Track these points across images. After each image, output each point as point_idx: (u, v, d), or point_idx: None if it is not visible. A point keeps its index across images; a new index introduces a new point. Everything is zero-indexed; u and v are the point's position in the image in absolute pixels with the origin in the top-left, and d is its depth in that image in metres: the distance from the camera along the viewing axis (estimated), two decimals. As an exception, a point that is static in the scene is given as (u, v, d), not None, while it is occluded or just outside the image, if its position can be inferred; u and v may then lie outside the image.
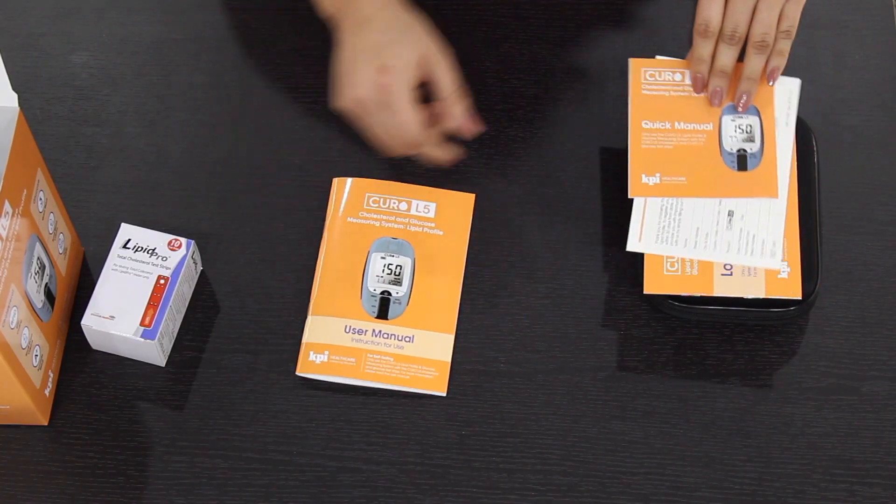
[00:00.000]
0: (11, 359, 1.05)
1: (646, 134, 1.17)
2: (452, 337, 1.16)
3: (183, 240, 1.17)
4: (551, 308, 1.18)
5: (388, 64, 1.11)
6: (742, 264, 1.14)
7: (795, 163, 1.20)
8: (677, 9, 1.33)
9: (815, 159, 1.21)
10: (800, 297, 1.14)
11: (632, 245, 1.15)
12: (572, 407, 1.14)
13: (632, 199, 1.17)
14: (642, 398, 1.14)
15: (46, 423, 1.14)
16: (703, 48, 1.17)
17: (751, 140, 1.17)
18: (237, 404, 1.14)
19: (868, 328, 1.16)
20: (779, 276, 1.14)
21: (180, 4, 1.35)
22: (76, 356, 1.17)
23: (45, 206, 1.13)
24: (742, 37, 1.16)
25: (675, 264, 1.15)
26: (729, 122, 1.18)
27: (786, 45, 1.17)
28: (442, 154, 1.18)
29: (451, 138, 1.18)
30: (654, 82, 1.19)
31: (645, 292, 1.15)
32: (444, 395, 1.14)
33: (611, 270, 1.20)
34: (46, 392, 1.13)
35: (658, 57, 1.21)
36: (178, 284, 1.15)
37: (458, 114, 1.15)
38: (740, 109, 1.18)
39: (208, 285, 1.20)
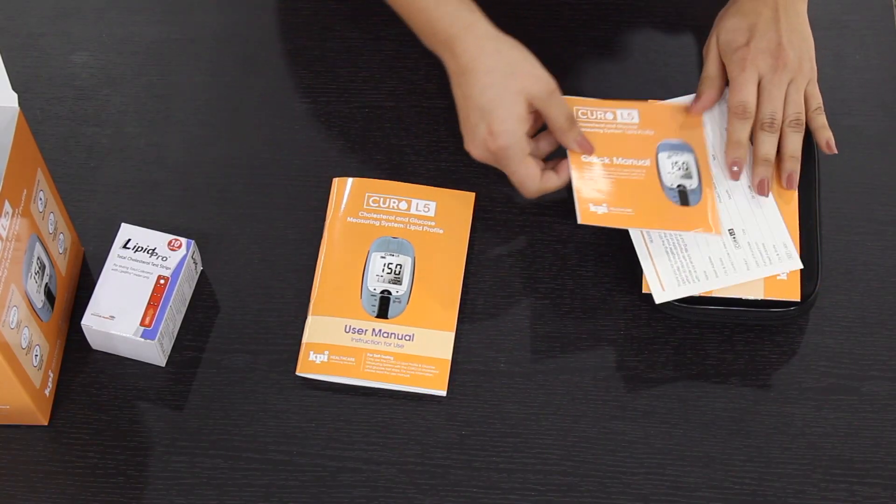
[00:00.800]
0: (11, 359, 1.05)
1: (587, 168, 1.17)
2: (452, 334, 1.16)
3: (183, 240, 1.17)
4: (551, 308, 1.18)
5: (496, 129, 1.13)
6: (766, 276, 1.14)
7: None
8: (677, 8, 1.33)
9: (816, 159, 1.21)
10: (798, 299, 1.14)
11: (658, 297, 1.14)
12: (572, 407, 1.14)
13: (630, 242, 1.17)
14: (642, 398, 1.14)
15: (46, 423, 1.14)
16: (742, 132, 1.18)
17: (688, 177, 1.17)
18: (237, 404, 1.14)
19: (868, 328, 1.16)
20: (778, 278, 1.14)
21: (180, 4, 1.35)
22: (76, 356, 1.17)
23: (45, 206, 1.13)
24: (780, 122, 1.18)
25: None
26: (665, 159, 1.18)
27: (824, 120, 1.19)
28: (564, 179, 1.18)
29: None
30: (586, 120, 1.19)
31: (644, 291, 1.15)
32: (445, 393, 1.14)
33: (611, 270, 1.20)
34: (46, 392, 1.13)
35: (586, 98, 1.21)
36: (178, 284, 1.15)
37: (572, 144, 1.17)
38: (791, 187, 1.17)
39: (208, 285, 1.20)
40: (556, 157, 1.19)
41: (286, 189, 1.24)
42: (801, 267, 1.14)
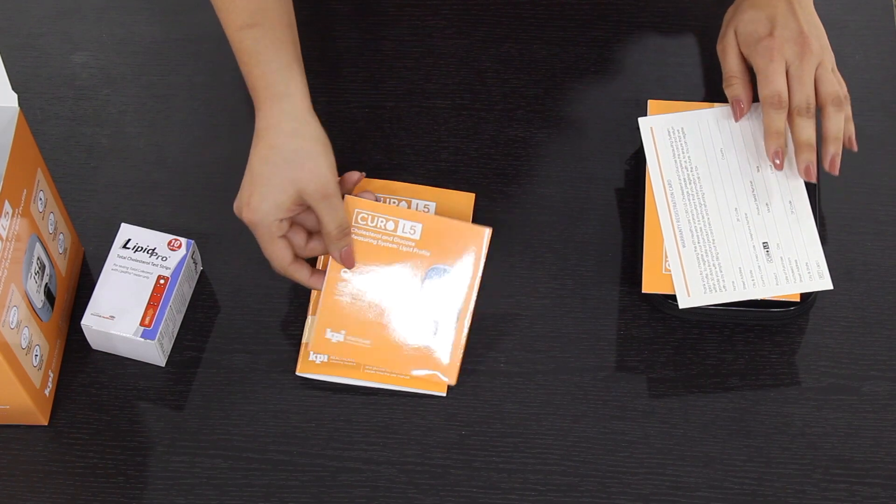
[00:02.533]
0: (11, 359, 1.05)
1: (340, 284, 1.14)
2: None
3: (183, 240, 1.17)
4: (551, 308, 1.18)
5: (252, 203, 1.10)
6: (794, 292, 1.13)
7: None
8: (677, 8, 1.33)
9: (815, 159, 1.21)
10: (798, 299, 1.14)
11: (683, 301, 1.13)
12: (572, 407, 1.14)
13: (640, 209, 1.16)
14: (642, 398, 1.14)
15: (46, 423, 1.14)
16: (779, 121, 1.16)
17: (443, 312, 1.14)
18: (237, 404, 1.14)
19: (868, 328, 1.16)
20: None
21: (180, 4, 1.35)
22: (76, 356, 1.17)
23: (45, 206, 1.13)
24: (815, 106, 1.16)
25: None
26: (427, 287, 1.14)
27: (849, 109, 1.18)
28: (312, 284, 1.14)
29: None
30: (364, 227, 1.14)
31: (643, 291, 1.15)
32: (444, 395, 1.14)
33: (611, 270, 1.20)
34: (46, 392, 1.13)
35: (375, 203, 1.15)
36: (178, 284, 1.15)
37: (334, 254, 1.13)
38: (834, 171, 1.15)
39: (208, 285, 1.20)
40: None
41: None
42: (831, 287, 1.13)
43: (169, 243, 1.17)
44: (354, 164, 1.25)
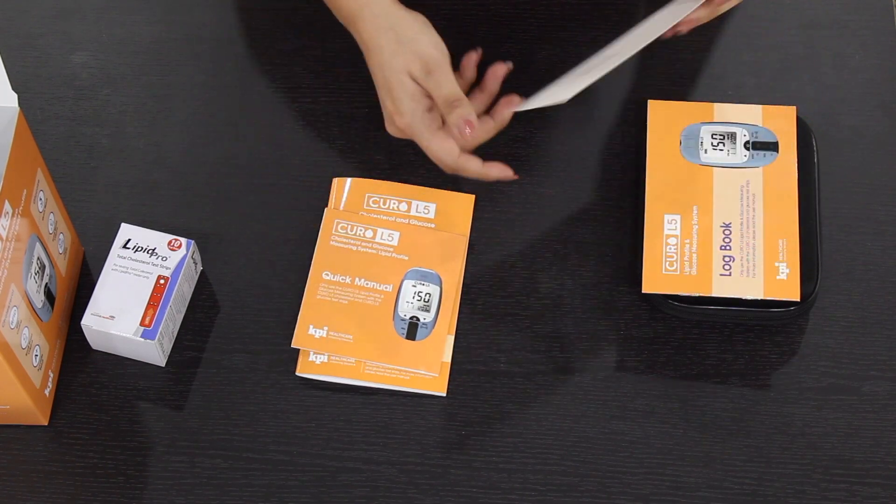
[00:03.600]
0: (11, 359, 1.05)
1: (323, 285, 1.17)
2: (452, 337, 1.16)
3: (183, 240, 1.17)
4: (551, 308, 1.18)
5: (397, 108, 1.14)
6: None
7: (795, 163, 1.20)
8: (677, 9, 1.33)
9: (815, 159, 1.21)
10: (798, 299, 1.14)
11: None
12: (572, 407, 1.14)
13: (640, 209, 1.16)
14: (642, 398, 1.14)
15: (46, 423, 1.14)
16: None
17: (426, 309, 1.16)
18: (237, 404, 1.14)
19: (868, 328, 1.16)
20: (777, 278, 1.14)
21: (180, 4, 1.35)
22: (76, 356, 1.17)
23: (45, 206, 1.13)
24: None
25: (674, 264, 1.15)
26: (409, 287, 1.17)
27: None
28: (492, 171, 1.16)
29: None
30: (343, 235, 1.18)
31: (643, 291, 1.15)
32: (444, 395, 1.14)
33: (611, 270, 1.20)
34: (46, 392, 1.13)
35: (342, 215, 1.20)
36: (178, 284, 1.15)
37: (452, 128, 1.13)
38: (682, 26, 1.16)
39: (208, 285, 1.20)
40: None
41: (286, 189, 1.24)
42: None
43: (169, 243, 1.17)
44: (354, 163, 1.25)
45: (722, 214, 1.18)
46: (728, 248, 1.16)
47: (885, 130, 1.26)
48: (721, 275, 1.15)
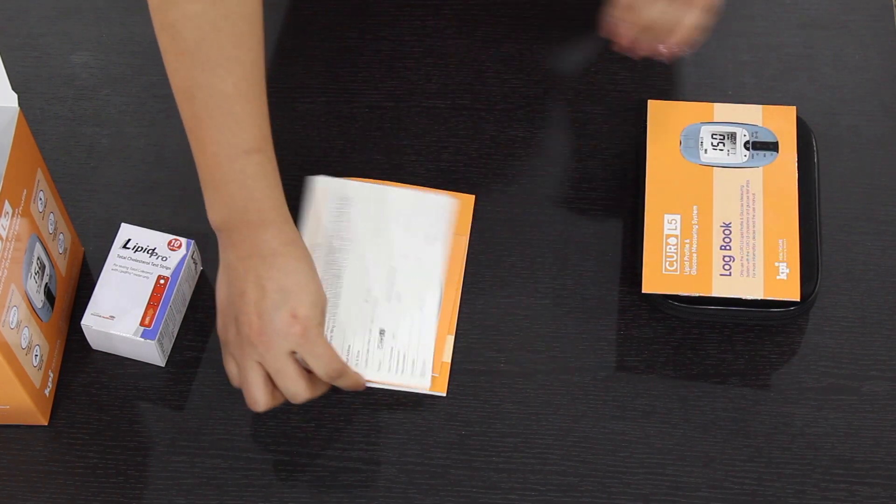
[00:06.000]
0: (11, 359, 1.05)
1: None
2: (452, 337, 1.16)
3: (183, 240, 1.17)
4: (551, 308, 1.18)
5: (304, 312, 1.04)
6: (395, 382, 1.13)
7: (795, 163, 1.20)
8: (677, 9, 1.33)
9: (815, 159, 1.21)
10: (798, 299, 1.14)
11: None
12: (572, 407, 1.14)
13: (640, 208, 1.16)
14: (642, 398, 1.14)
15: (46, 423, 1.14)
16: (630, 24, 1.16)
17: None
18: (237, 404, 1.14)
19: (868, 328, 1.16)
20: (777, 278, 1.14)
21: (180, 4, 1.35)
22: (76, 356, 1.17)
23: (45, 206, 1.13)
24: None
25: (674, 264, 1.15)
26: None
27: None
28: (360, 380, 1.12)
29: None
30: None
31: (643, 291, 1.15)
32: (444, 395, 1.14)
33: (611, 270, 1.20)
34: (46, 392, 1.13)
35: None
36: (178, 284, 1.15)
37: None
38: (664, 54, 1.17)
39: (208, 285, 1.20)
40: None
41: (286, 189, 1.24)
42: (428, 387, 1.13)
43: (169, 243, 1.17)
44: (354, 164, 1.25)
45: (722, 214, 1.18)
46: (728, 248, 1.16)
47: (885, 130, 1.26)
48: (721, 275, 1.15)
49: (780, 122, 1.22)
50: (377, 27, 1.33)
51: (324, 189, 1.21)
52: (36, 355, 1.10)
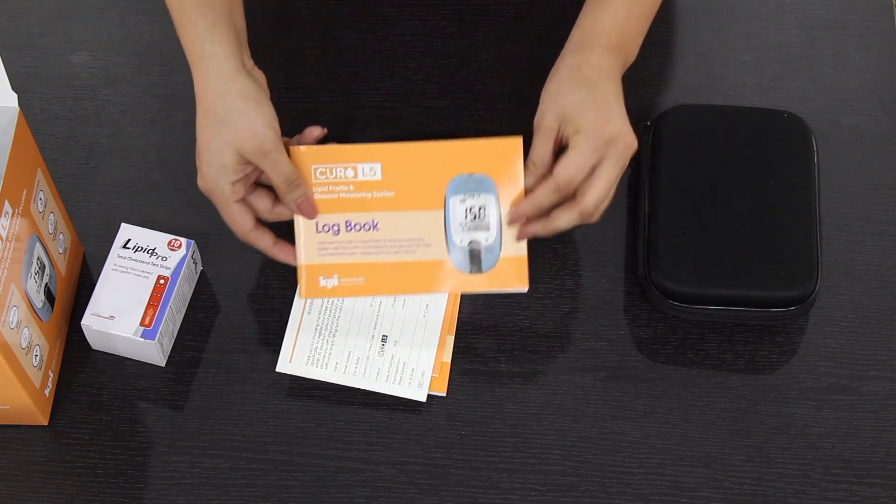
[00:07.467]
0: (11, 359, 1.05)
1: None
2: (452, 337, 1.16)
3: (183, 240, 1.17)
4: (551, 308, 1.18)
5: (202, 171, 1.10)
6: (391, 392, 1.13)
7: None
8: (676, 8, 1.33)
9: (815, 159, 1.21)
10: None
11: (281, 366, 1.14)
12: (572, 407, 1.14)
13: (641, 208, 1.16)
14: (642, 398, 1.14)
15: (46, 423, 1.14)
16: (547, 200, 1.11)
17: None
18: (237, 404, 1.14)
19: (868, 328, 1.17)
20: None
21: (180, 4, 1.35)
22: (76, 356, 1.17)
23: (45, 206, 1.13)
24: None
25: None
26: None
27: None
28: (279, 254, 1.13)
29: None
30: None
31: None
32: (444, 395, 1.14)
33: (611, 270, 1.20)
34: (46, 392, 1.13)
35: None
36: (178, 284, 1.15)
37: (291, 206, 1.12)
38: (519, 234, 1.13)
39: (208, 285, 1.20)
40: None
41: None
42: (423, 400, 1.13)
43: (169, 243, 1.17)
44: (354, 164, 1.25)
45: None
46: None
47: (885, 130, 1.26)
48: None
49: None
50: (377, 27, 1.33)
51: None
52: (36, 355, 1.10)
